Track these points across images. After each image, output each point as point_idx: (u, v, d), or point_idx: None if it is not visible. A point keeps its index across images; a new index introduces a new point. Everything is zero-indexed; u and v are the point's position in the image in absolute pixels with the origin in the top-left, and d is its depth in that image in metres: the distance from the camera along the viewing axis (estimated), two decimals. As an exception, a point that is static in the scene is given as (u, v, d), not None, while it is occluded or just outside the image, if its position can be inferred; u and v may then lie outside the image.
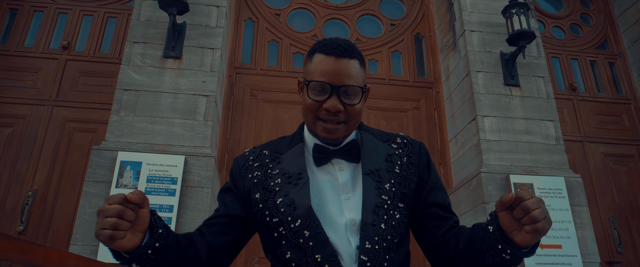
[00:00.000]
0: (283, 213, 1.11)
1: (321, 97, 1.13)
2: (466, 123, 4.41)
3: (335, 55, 1.13)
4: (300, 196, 1.10)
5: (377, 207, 1.11)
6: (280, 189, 1.15)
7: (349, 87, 1.12)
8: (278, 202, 1.13)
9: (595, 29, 5.93)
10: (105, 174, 3.48)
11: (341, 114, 1.13)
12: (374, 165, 1.17)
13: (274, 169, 1.20)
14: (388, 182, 1.15)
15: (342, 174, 1.17)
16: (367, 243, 1.07)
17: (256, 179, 1.20)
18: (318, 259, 1.05)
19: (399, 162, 1.20)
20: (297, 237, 1.08)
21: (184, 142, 3.71)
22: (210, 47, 4.11)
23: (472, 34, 4.63)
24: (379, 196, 1.12)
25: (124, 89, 3.84)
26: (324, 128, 1.14)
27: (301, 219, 1.08)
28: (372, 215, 1.09)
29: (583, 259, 3.70)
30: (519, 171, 4.00)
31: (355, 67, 1.15)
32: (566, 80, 5.47)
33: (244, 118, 4.65)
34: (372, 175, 1.15)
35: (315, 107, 1.14)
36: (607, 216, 4.78)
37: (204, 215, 3.47)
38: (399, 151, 1.23)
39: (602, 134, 5.23)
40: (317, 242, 1.07)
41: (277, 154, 1.23)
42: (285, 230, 1.10)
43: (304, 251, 1.07)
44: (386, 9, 5.59)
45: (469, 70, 4.46)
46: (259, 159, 1.24)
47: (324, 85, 1.12)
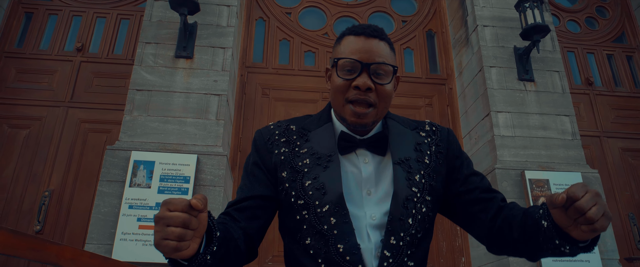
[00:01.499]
0: (311, 196, 1.05)
1: (351, 75, 1.08)
2: (480, 119, 4.36)
3: (365, 35, 1.11)
4: (331, 180, 1.05)
5: (407, 200, 1.05)
6: (309, 170, 1.08)
7: (381, 64, 1.08)
8: (306, 185, 1.07)
9: (612, 22, 5.81)
10: (119, 173, 3.51)
11: (371, 95, 1.07)
12: (403, 154, 1.10)
13: (302, 147, 1.13)
14: (418, 173, 1.09)
15: (366, 167, 1.11)
16: (392, 238, 1.02)
17: (283, 156, 1.13)
18: (340, 249, 1.01)
19: (428, 151, 1.14)
20: (322, 223, 1.03)
21: (196, 141, 3.73)
22: (221, 47, 4.12)
23: (484, 29, 4.57)
24: (409, 187, 1.06)
25: (136, 89, 3.87)
26: (353, 112, 1.07)
27: (330, 205, 1.03)
28: (401, 208, 1.04)
29: (601, 256, 3.63)
30: (534, 166, 3.94)
31: (386, 48, 1.12)
32: (582, 75, 5.37)
33: (256, 117, 4.66)
34: (402, 165, 1.08)
35: (345, 87, 1.09)
36: (626, 212, 4.68)
37: (216, 213, 3.48)
38: (428, 140, 1.17)
39: (620, 129, 5.12)
40: (342, 232, 1.02)
41: (305, 131, 1.17)
42: (309, 214, 1.05)
43: (327, 239, 1.02)
44: (397, 6, 5.55)
45: (482, 66, 4.40)
46: (286, 135, 1.17)
47: (354, 63, 1.08)
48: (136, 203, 3.40)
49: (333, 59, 1.13)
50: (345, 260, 1.00)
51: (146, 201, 3.41)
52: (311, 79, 4.91)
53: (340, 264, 1.01)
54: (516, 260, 3.60)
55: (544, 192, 3.76)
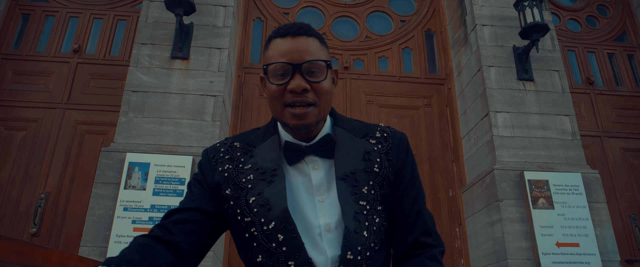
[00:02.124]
0: (256, 213, 1.01)
1: (284, 79, 1.03)
2: (479, 119, 4.32)
3: (291, 34, 1.06)
4: (275, 195, 1.01)
5: (357, 213, 1.01)
6: (253, 186, 1.05)
7: (312, 62, 1.04)
8: (250, 202, 1.03)
9: (613, 21, 5.76)
10: (114, 175, 3.49)
11: (309, 95, 1.03)
12: (349, 167, 1.06)
13: (246, 163, 1.09)
14: (366, 185, 1.05)
15: (316, 174, 1.07)
16: (349, 253, 0.98)
17: (227, 173, 1.09)
18: (291, 265, 0.97)
19: (378, 159, 1.09)
20: (270, 241, 0.99)
21: (191, 143, 3.70)
22: (217, 47, 4.09)
23: (483, 28, 4.53)
24: (356, 202, 1.02)
25: (132, 91, 3.85)
26: (293, 114, 1.03)
27: (275, 221, 0.99)
28: (353, 222, 1.00)
29: (602, 258, 3.58)
30: (533, 167, 3.90)
31: (315, 44, 1.07)
32: (583, 74, 5.32)
33: (253, 118, 4.63)
34: (347, 179, 1.04)
35: (280, 93, 1.04)
36: (628, 212, 4.63)
37: (212, 215, 3.45)
38: (378, 146, 1.11)
39: (621, 129, 5.07)
40: (291, 247, 0.98)
41: (249, 146, 1.13)
42: (257, 231, 1.01)
43: (276, 256, 0.98)
44: (396, 5, 5.51)
45: (481, 66, 4.36)
46: (230, 152, 1.13)
47: (284, 66, 1.03)
48: (131, 205, 3.37)
49: (263, 66, 1.08)
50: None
51: (141, 203, 3.39)
52: (309, 80, 4.87)
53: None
54: (515, 261, 3.56)
55: (543, 193, 3.72)
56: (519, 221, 3.67)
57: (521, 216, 3.69)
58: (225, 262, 3.93)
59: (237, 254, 4.00)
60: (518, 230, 3.64)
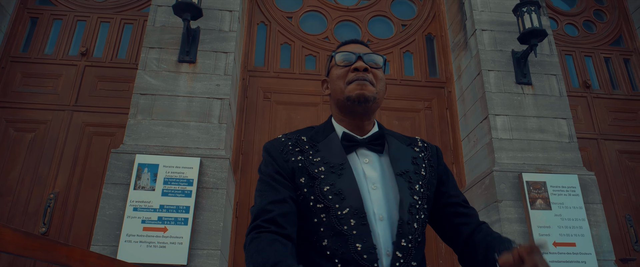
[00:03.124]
0: (330, 200, 1.13)
1: (348, 62, 1.27)
2: (478, 122, 4.43)
3: (353, 43, 1.36)
4: (348, 186, 1.14)
5: (411, 206, 1.15)
6: (325, 177, 1.17)
7: (371, 53, 1.29)
8: (325, 190, 1.14)
9: (610, 25, 5.88)
10: (124, 176, 3.58)
11: (368, 74, 1.24)
12: (404, 166, 1.21)
13: (315, 156, 1.22)
14: (417, 184, 1.20)
15: (368, 167, 1.21)
16: (403, 241, 1.11)
17: (300, 164, 1.21)
18: (358, 247, 1.08)
19: (423, 165, 1.26)
20: (342, 224, 1.10)
21: (199, 145, 3.80)
22: (223, 51, 4.19)
23: (483, 33, 4.64)
24: (411, 196, 1.16)
25: (140, 94, 3.94)
26: (356, 85, 1.21)
27: (350, 208, 1.11)
28: (407, 214, 1.13)
29: (598, 257, 3.69)
30: (531, 169, 4.00)
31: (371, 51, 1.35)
32: (580, 78, 5.44)
33: (258, 120, 4.73)
34: (404, 176, 1.19)
35: (345, 73, 1.26)
36: (623, 213, 4.74)
37: (219, 216, 3.55)
38: (422, 154, 1.29)
39: (617, 131, 5.19)
40: (361, 232, 1.09)
41: (313, 142, 1.26)
42: (328, 216, 1.12)
43: (346, 238, 1.09)
44: (397, 10, 5.62)
45: (480, 69, 4.47)
46: (299, 145, 1.25)
47: (349, 55, 1.27)
48: (140, 205, 3.47)
49: (331, 53, 1.34)
50: (362, 258, 1.07)
51: (150, 204, 3.48)
52: (312, 83, 4.98)
53: (358, 262, 1.07)
54: (514, 261, 3.65)
55: (541, 194, 3.82)
56: (517, 221, 3.78)
57: (519, 217, 3.79)
58: (231, 262, 4.03)
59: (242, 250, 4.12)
60: (516, 230, 3.75)
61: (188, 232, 3.42)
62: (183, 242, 3.39)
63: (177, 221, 3.45)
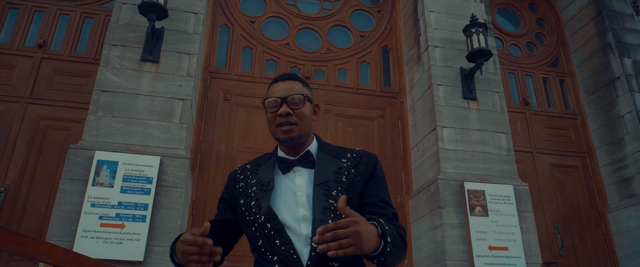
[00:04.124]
0: (253, 213, 1.45)
1: (275, 108, 1.49)
2: (427, 132, 4.73)
3: (281, 79, 1.54)
4: (264, 199, 1.45)
5: (325, 208, 1.41)
6: (255, 194, 1.49)
7: (294, 95, 1.49)
8: (251, 205, 1.47)
9: (549, 48, 6.39)
10: (82, 172, 3.60)
11: (292, 117, 1.47)
12: (323, 178, 1.47)
13: (253, 179, 1.54)
14: (335, 190, 1.45)
15: (299, 178, 1.50)
16: None
17: (241, 189, 1.55)
18: (277, 243, 1.38)
19: (346, 173, 1.50)
20: (263, 229, 1.42)
21: (159, 144, 3.87)
22: (187, 53, 4.27)
23: (435, 50, 4.96)
24: (326, 200, 1.42)
25: (101, 90, 3.96)
26: (282, 131, 1.48)
27: (265, 215, 1.42)
28: (320, 213, 1.40)
29: (527, 260, 4.07)
30: (473, 178, 4.34)
31: (297, 85, 1.53)
32: (520, 95, 5.89)
33: (217, 121, 4.83)
34: (321, 186, 1.46)
35: (273, 117, 1.50)
36: (552, 221, 5.19)
37: (177, 214, 3.64)
38: (348, 164, 1.53)
39: (550, 146, 5.66)
40: (276, 230, 1.40)
41: (257, 167, 1.59)
42: (256, 224, 1.44)
43: (268, 238, 1.40)
44: (356, 21, 5.87)
45: (431, 83, 4.78)
46: (243, 173, 1.59)
47: (275, 100, 1.49)
48: (98, 202, 3.50)
49: (262, 100, 1.54)
50: (281, 250, 1.37)
51: (108, 200, 3.52)
52: (272, 87, 5.13)
53: (280, 253, 1.37)
54: (453, 262, 3.97)
55: (480, 202, 4.17)
56: (457, 226, 4.09)
57: (460, 222, 4.11)
58: (186, 259, 4.11)
59: None
60: (456, 234, 4.07)
61: (146, 229, 3.49)
62: (140, 239, 3.46)
63: (135, 218, 3.51)
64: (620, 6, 6.15)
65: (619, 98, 5.61)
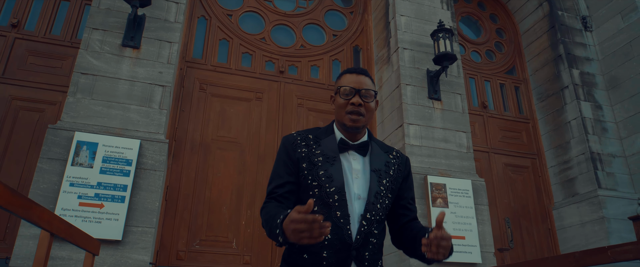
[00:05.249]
0: (323, 181, 1.58)
1: (348, 97, 1.64)
2: (394, 129, 5.02)
3: (355, 72, 1.70)
4: (336, 173, 1.59)
5: (377, 193, 1.60)
6: (322, 164, 1.61)
7: (367, 90, 1.66)
8: (320, 173, 1.59)
9: (506, 57, 6.85)
10: (61, 152, 3.64)
11: (362, 108, 1.63)
12: (378, 166, 1.66)
13: (317, 149, 1.66)
14: (385, 179, 1.65)
15: (355, 163, 1.66)
16: (368, 214, 1.56)
17: (304, 154, 1.65)
18: (338, 214, 1.54)
19: (393, 168, 1.71)
20: (329, 198, 1.55)
21: (139, 128, 3.95)
22: (168, 41, 4.37)
23: (404, 51, 5.26)
24: (378, 185, 1.62)
25: (81, 73, 4.00)
26: (351, 118, 1.62)
27: (335, 187, 1.56)
28: (373, 197, 1.59)
29: (481, 249, 4.42)
30: (435, 173, 4.66)
31: (369, 81, 1.71)
32: (479, 99, 6.30)
33: (193, 110, 4.93)
34: (376, 172, 1.64)
35: (345, 104, 1.64)
36: (503, 216, 5.61)
37: (156, 196, 3.75)
38: (394, 161, 1.74)
39: (504, 147, 6.10)
40: (341, 204, 1.55)
41: (317, 139, 1.70)
42: (320, 192, 1.57)
43: (330, 207, 1.55)
44: (330, 20, 6.10)
45: (399, 83, 5.08)
46: (305, 140, 1.69)
47: (351, 89, 1.64)
48: (78, 181, 3.56)
49: (337, 87, 1.70)
50: (340, 222, 1.53)
51: (88, 180, 3.58)
52: (247, 79, 5.28)
53: (336, 223, 1.53)
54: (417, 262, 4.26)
55: (441, 195, 4.49)
56: (420, 216, 4.39)
57: (422, 212, 4.41)
58: (158, 239, 4.21)
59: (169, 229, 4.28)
60: (419, 224, 4.37)
61: (124, 209, 3.58)
62: (119, 219, 3.54)
63: (114, 198, 3.59)
64: (571, 22, 6.68)
65: (567, 105, 6.12)
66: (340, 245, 1.51)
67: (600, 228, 5.24)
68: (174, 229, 4.38)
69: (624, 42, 6.22)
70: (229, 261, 4.48)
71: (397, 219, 1.75)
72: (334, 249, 1.51)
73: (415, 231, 1.65)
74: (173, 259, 4.30)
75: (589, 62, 6.42)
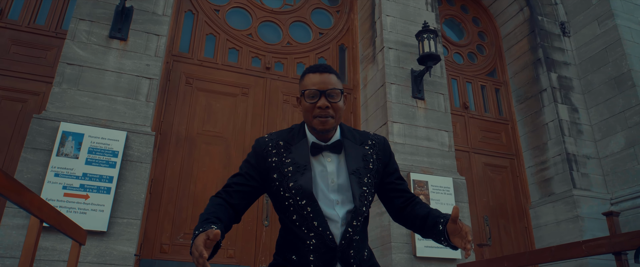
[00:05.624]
0: (293, 193, 1.56)
1: (314, 100, 1.58)
2: (378, 126, 5.11)
3: (318, 71, 1.63)
4: (306, 183, 1.56)
5: (361, 195, 1.58)
6: (292, 175, 1.59)
7: (332, 90, 1.60)
8: (290, 185, 1.57)
9: (488, 59, 7.01)
10: (46, 142, 3.62)
11: (329, 110, 1.58)
12: (355, 166, 1.62)
13: (287, 158, 1.63)
14: (366, 177, 1.62)
15: (329, 164, 1.63)
16: (355, 221, 1.56)
17: (274, 164, 1.63)
18: (315, 224, 1.54)
19: (371, 159, 1.67)
20: (302, 210, 1.55)
21: (125, 119, 3.94)
22: (155, 34, 4.36)
23: (389, 51, 5.35)
24: (360, 187, 1.59)
25: (67, 63, 3.97)
26: (320, 121, 1.58)
27: (306, 199, 1.55)
28: (359, 202, 1.57)
29: (461, 245, 4.53)
30: (418, 170, 4.76)
31: (334, 78, 1.64)
32: (461, 99, 6.44)
33: (178, 103, 4.93)
34: (355, 174, 1.61)
35: (312, 108, 1.59)
36: (482, 214, 5.75)
37: (141, 188, 3.75)
38: (371, 151, 1.69)
39: (484, 147, 6.25)
40: (315, 214, 1.54)
41: (288, 145, 1.66)
42: (294, 203, 1.57)
43: (306, 218, 1.55)
44: (316, 18, 6.16)
45: (384, 82, 5.16)
46: (275, 148, 1.66)
47: (315, 92, 1.58)
48: (63, 172, 3.54)
49: (301, 90, 1.63)
50: (319, 230, 1.53)
51: (73, 171, 3.57)
52: (233, 75, 5.31)
53: (317, 232, 1.53)
54: (397, 244, 4.35)
55: (423, 191, 4.58)
56: (402, 213, 4.48)
57: (405, 209, 4.51)
58: (142, 232, 4.20)
59: (153, 222, 4.27)
60: (401, 220, 4.46)
61: (110, 201, 3.57)
62: (104, 210, 3.54)
63: (99, 190, 3.58)
64: (551, 27, 6.88)
65: (545, 108, 6.30)
66: (324, 249, 1.53)
67: (575, 226, 5.42)
68: (158, 222, 4.38)
69: (600, 48, 6.44)
70: (212, 254, 4.50)
71: (392, 202, 1.75)
72: (320, 253, 1.53)
73: (423, 215, 1.62)
74: (157, 252, 4.30)
75: (566, 67, 6.62)
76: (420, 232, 1.67)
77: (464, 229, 1.42)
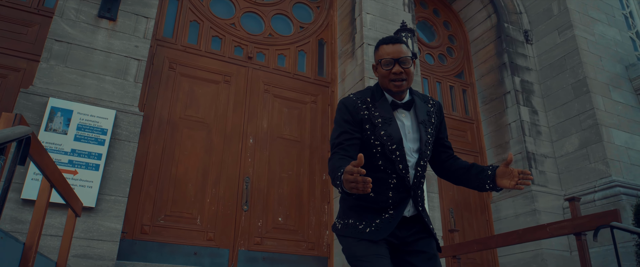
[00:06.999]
0: (385, 140, 1.84)
1: (389, 67, 1.86)
2: (356, 119, 5.32)
3: (391, 42, 1.89)
4: (395, 132, 1.86)
5: (426, 141, 1.89)
6: (381, 125, 1.87)
7: (404, 58, 1.86)
8: (381, 133, 1.85)
9: (456, 61, 7.38)
10: (33, 117, 3.60)
11: (403, 74, 1.87)
12: (423, 118, 1.93)
13: (375, 111, 1.90)
14: (429, 127, 1.94)
15: (405, 119, 1.93)
16: (422, 161, 1.88)
17: (366, 116, 1.90)
18: (400, 167, 1.83)
19: (433, 116, 1.99)
20: (392, 154, 1.84)
21: (113, 99, 3.97)
22: (144, 16, 4.40)
23: (369, 47, 5.58)
24: (426, 135, 1.90)
25: (55, 40, 3.95)
26: (395, 85, 1.88)
27: (396, 144, 1.84)
28: (425, 146, 1.88)
29: (431, 232, 4.81)
30: (393, 161, 5.00)
31: (404, 48, 1.91)
32: (431, 98, 6.76)
33: (161, 87, 4.96)
34: (423, 124, 1.92)
35: (387, 74, 1.87)
36: (449, 207, 6.08)
37: (129, 166, 3.79)
38: (432, 109, 2.02)
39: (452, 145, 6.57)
40: (402, 158, 1.84)
41: (373, 101, 1.94)
42: (382, 149, 1.85)
43: (393, 162, 1.84)
44: (297, 12, 6.31)
45: (363, 76, 5.38)
46: (364, 103, 1.93)
47: (391, 60, 1.86)
48: (51, 147, 3.54)
49: (377, 59, 1.91)
50: (402, 171, 1.83)
51: (61, 146, 3.57)
52: (216, 62, 5.38)
53: (399, 173, 1.83)
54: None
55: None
56: (378, 200, 4.71)
57: (380, 197, 4.74)
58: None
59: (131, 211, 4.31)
60: (377, 207, 4.69)
61: (99, 177, 3.60)
62: (93, 187, 3.56)
63: (88, 166, 3.60)
64: (515, 34, 7.33)
65: (508, 109, 6.72)
66: (402, 188, 1.83)
67: (532, 219, 5.83)
68: (139, 203, 4.41)
69: (559, 56, 6.92)
70: (193, 236, 4.58)
71: (439, 156, 2.04)
72: (398, 191, 1.82)
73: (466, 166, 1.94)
74: (137, 233, 4.33)
75: (528, 72, 7.08)
76: (459, 181, 1.99)
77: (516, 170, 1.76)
